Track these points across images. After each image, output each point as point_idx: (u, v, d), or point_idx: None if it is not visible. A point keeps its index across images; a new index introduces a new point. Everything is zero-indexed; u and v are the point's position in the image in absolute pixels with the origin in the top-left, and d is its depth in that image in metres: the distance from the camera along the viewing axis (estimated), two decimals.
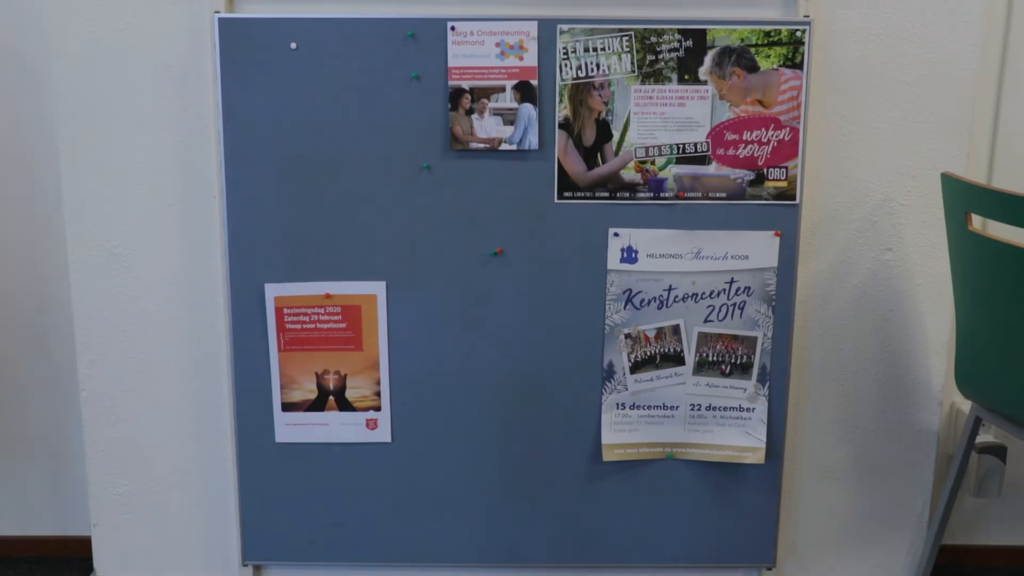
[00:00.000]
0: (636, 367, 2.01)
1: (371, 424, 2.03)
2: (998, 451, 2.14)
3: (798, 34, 1.89)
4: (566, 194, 1.94)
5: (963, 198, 1.75)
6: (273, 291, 1.98)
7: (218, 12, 1.90)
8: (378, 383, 2.01)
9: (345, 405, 2.02)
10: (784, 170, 1.94)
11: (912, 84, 1.96)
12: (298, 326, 1.99)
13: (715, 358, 2.01)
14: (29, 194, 2.12)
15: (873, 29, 1.94)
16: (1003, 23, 1.99)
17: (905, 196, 2.00)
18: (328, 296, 1.98)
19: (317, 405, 2.02)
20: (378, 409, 2.02)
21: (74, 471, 2.24)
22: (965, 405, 2.10)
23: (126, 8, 1.93)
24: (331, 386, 2.02)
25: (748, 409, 2.01)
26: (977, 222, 1.77)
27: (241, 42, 1.90)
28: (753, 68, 1.90)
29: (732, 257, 1.97)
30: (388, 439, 2.04)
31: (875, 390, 2.09)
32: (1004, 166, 2.06)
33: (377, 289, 1.98)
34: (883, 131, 1.98)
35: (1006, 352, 1.72)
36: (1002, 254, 1.66)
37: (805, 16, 1.91)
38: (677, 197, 1.94)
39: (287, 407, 2.02)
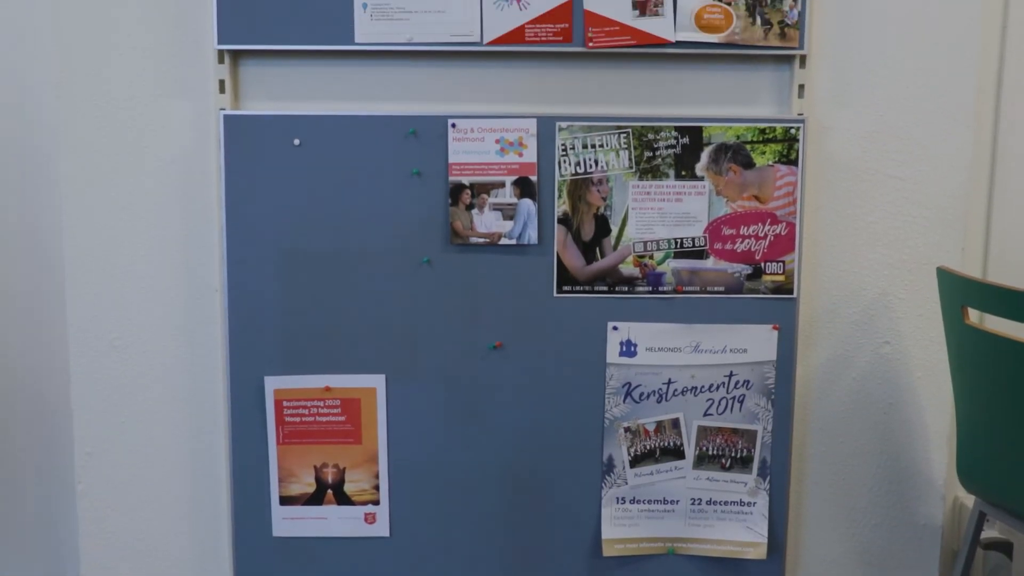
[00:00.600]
0: (636, 461, 2.00)
1: (369, 518, 2.01)
2: (1004, 547, 2.12)
3: (792, 131, 1.93)
4: (565, 288, 1.96)
5: (959, 292, 1.76)
6: (273, 384, 1.98)
7: (223, 109, 1.94)
8: (377, 476, 2.00)
9: (343, 499, 2.01)
10: (781, 264, 1.95)
11: (906, 180, 1.98)
12: (297, 419, 1.98)
13: (715, 452, 2.00)
14: (32, 284, 2.14)
15: (866, 127, 1.97)
16: (992, 122, 2.03)
17: (902, 290, 2.02)
18: (328, 389, 1.98)
19: (315, 499, 2.01)
20: (377, 503, 2.00)
21: (69, 564, 2.21)
22: (969, 499, 2.09)
23: (133, 105, 1.97)
24: (330, 479, 2.01)
25: (749, 503, 2.00)
26: (974, 316, 1.78)
27: (246, 138, 1.93)
28: (749, 164, 1.93)
29: (731, 351, 1.97)
30: (387, 533, 2.02)
31: (877, 484, 2.08)
32: (999, 260, 2.07)
33: (377, 382, 1.98)
34: (878, 225, 2.00)
35: (1008, 446, 1.72)
36: (1000, 348, 1.67)
37: (799, 114, 1.94)
38: (675, 291, 1.96)
39: (285, 501, 2.00)
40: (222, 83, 1.95)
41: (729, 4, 1.90)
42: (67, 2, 1.94)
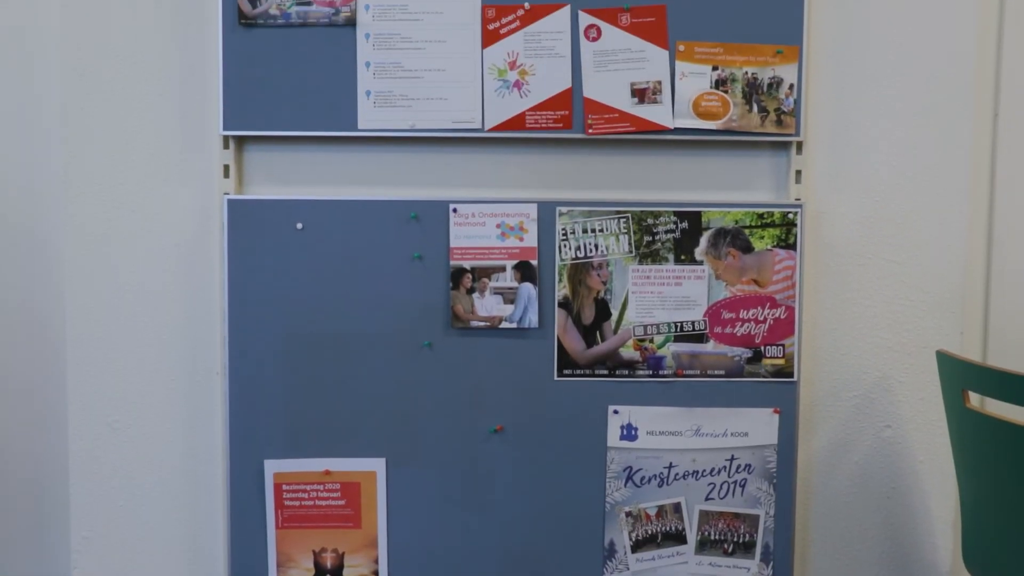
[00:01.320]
0: (637, 546, 1.98)
1: None
2: None
3: (790, 216, 1.95)
4: (566, 372, 1.96)
5: (959, 376, 1.76)
6: (272, 467, 1.97)
7: (228, 194, 1.96)
8: (376, 561, 1.98)
9: None
10: (781, 348, 1.96)
11: (903, 264, 2.00)
12: (296, 503, 1.97)
13: (717, 536, 1.98)
14: (33, 365, 2.14)
15: (862, 212, 1.99)
16: (987, 206, 2.05)
17: (902, 373, 2.02)
18: (327, 473, 1.97)
19: None
20: None
21: None
22: None
23: (138, 190, 1.99)
24: (328, 564, 1.99)
25: None
26: (975, 400, 1.78)
27: (249, 223, 1.95)
28: (748, 249, 1.95)
29: (732, 434, 1.97)
30: None
31: (882, 570, 2.06)
32: (998, 343, 2.08)
33: (377, 466, 1.97)
34: (877, 309, 2.01)
35: (1013, 531, 1.70)
36: (1002, 432, 1.66)
37: (797, 199, 1.96)
38: (676, 375, 1.96)
39: None
40: (226, 168, 1.98)
41: (726, 92, 1.93)
42: (75, 88, 1.98)
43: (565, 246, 1.95)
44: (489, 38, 1.93)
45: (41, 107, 2.05)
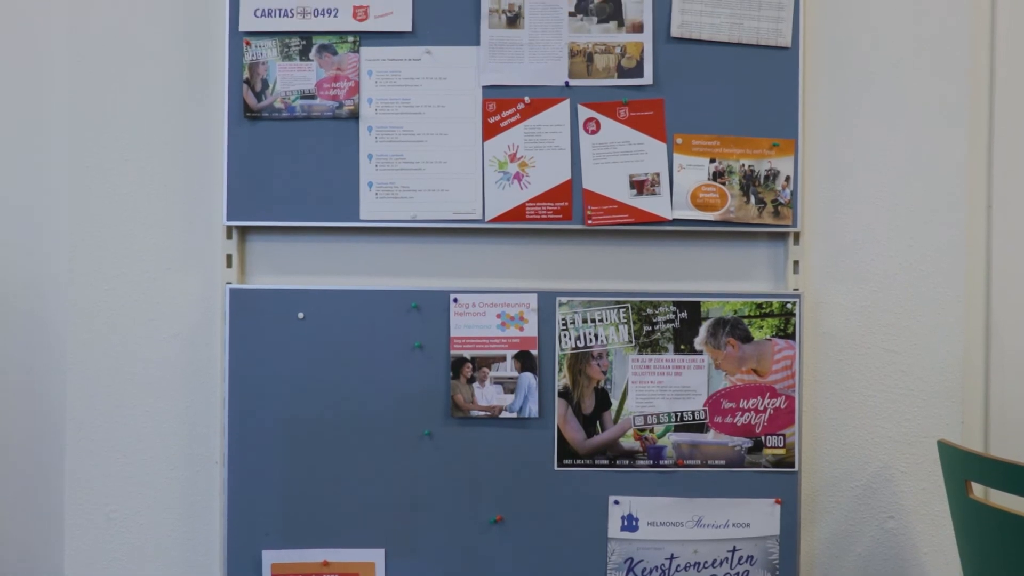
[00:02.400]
0: None
1: None
2: None
3: (789, 306, 1.96)
4: (566, 462, 1.95)
5: (961, 466, 1.75)
6: (270, 558, 1.95)
7: (230, 283, 1.98)
8: None
9: None
10: (782, 437, 1.95)
11: (902, 354, 2.01)
12: None
13: None
14: (31, 452, 2.13)
15: (860, 302, 2.01)
16: (984, 299, 2.06)
17: (904, 463, 2.01)
18: (326, 564, 1.96)
19: None
20: None
21: None
22: None
23: (142, 279, 2.01)
24: None
25: None
26: (978, 490, 1.77)
27: (250, 312, 1.96)
28: (747, 338, 1.95)
29: (733, 525, 1.95)
30: None
31: None
32: (1000, 432, 2.08)
33: (376, 557, 1.96)
34: (877, 398, 2.01)
35: None
36: (1007, 524, 1.65)
37: (795, 289, 1.98)
38: (676, 465, 1.95)
39: None
40: (229, 258, 1.99)
41: (724, 184, 1.96)
42: (81, 177, 2.01)
43: (565, 336, 1.95)
44: (490, 131, 1.96)
45: (48, 195, 2.07)
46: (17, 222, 2.08)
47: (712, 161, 1.96)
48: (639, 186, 1.96)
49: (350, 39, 1.96)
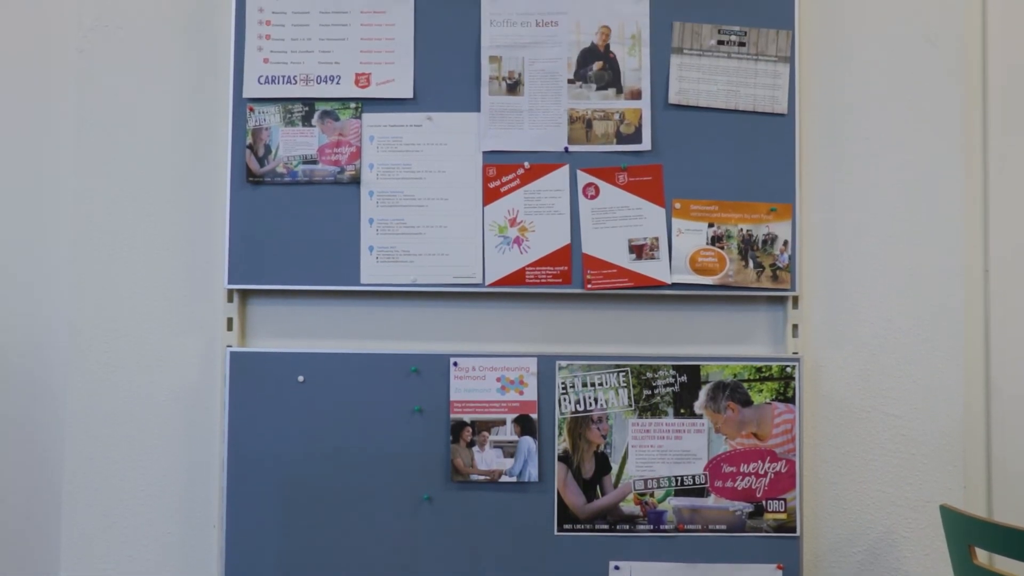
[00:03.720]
0: None
1: None
2: None
3: (788, 370, 1.96)
4: (566, 526, 1.94)
5: (965, 532, 1.74)
6: None
7: (231, 346, 1.98)
8: None
9: None
10: (783, 502, 1.95)
11: (901, 417, 2.00)
12: None
13: None
14: (27, 514, 2.11)
15: (859, 365, 2.01)
16: (983, 363, 2.06)
17: (906, 528, 2.00)
18: None
19: None
20: None
21: None
22: None
23: (143, 340, 2.02)
24: None
25: None
26: (983, 556, 1.75)
27: (251, 375, 1.96)
28: (747, 402, 1.95)
29: None
30: None
31: None
32: (1003, 497, 2.07)
33: None
34: (878, 462, 2.00)
35: None
36: None
37: (794, 353, 1.98)
38: (677, 529, 1.94)
39: None
40: (230, 321, 2.00)
41: (722, 248, 1.97)
42: (85, 240, 2.02)
43: (565, 400, 1.95)
44: (490, 196, 1.98)
45: (51, 256, 2.08)
46: (19, 282, 2.09)
47: (711, 226, 1.97)
48: (638, 250, 1.97)
49: (352, 105, 1.98)
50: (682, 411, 1.96)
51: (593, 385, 1.96)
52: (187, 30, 2.04)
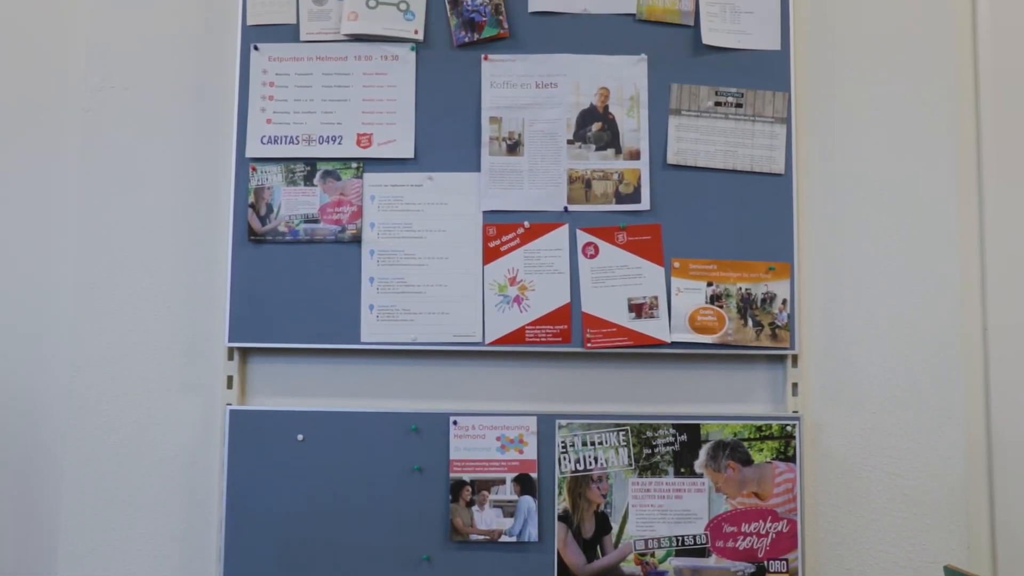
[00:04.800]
0: None
1: None
2: None
3: (788, 429, 1.96)
4: None
5: None
6: None
7: (230, 404, 1.98)
8: None
9: None
10: (785, 562, 1.93)
11: (903, 476, 2.00)
12: None
13: None
14: None
15: (860, 424, 2.01)
16: (984, 421, 2.05)
17: None
18: None
19: None
20: None
21: None
22: None
23: (142, 398, 2.02)
24: None
25: None
26: None
27: (250, 433, 1.96)
28: (747, 461, 1.95)
29: None
30: None
31: None
32: (1007, 556, 2.05)
33: None
34: (880, 522, 1.99)
35: None
36: None
37: (794, 412, 1.98)
38: None
39: None
40: (230, 379, 2.00)
41: (721, 307, 1.98)
42: (86, 300, 2.03)
43: (565, 459, 1.95)
44: (490, 255, 1.99)
45: (51, 313, 2.09)
46: (19, 341, 2.09)
47: (709, 285, 1.98)
48: (638, 309, 1.97)
49: (354, 165, 2.00)
50: (682, 470, 1.95)
51: (593, 444, 1.96)
52: (192, 91, 2.06)
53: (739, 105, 2.00)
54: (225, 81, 2.05)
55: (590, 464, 1.95)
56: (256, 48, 2.02)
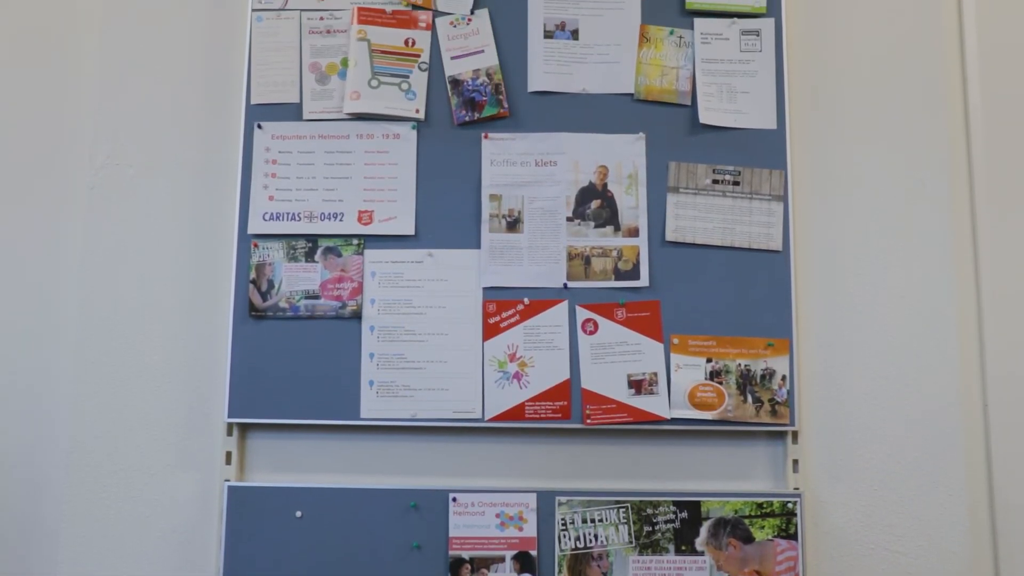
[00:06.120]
0: None
1: None
2: None
3: (790, 506, 1.95)
4: None
5: None
6: None
7: (228, 480, 1.97)
8: None
9: None
10: None
11: (907, 555, 1.98)
12: None
13: None
14: None
15: (862, 501, 2.00)
16: (987, 497, 2.04)
17: None
18: None
19: None
20: None
21: None
22: None
23: (140, 473, 2.01)
24: None
25: None
26: None
27: (248, 510, 1.95)
28: (749, 539, 1.94)
29: None
30: None
31: None
32: None
33: None
34: None
35: None
36: None
37: (795, 489, 1.97)
38: None
39: None
40: (229, 455, 2.00)
41: (721, 383, 1.98)
42: (85, 373, 2.04)
43: (565, 536, 1.94)
44: (490, 331, 2.00)
45: (51, 388, 2.08)
46: (19, 414, 2.09)
47: (709, 361, 1.99)
48: (637, 386, 1.98)
49: (355, 242, 2.02)
50: (683, 548, 1.94)
51: (593, 521, 1.94)
52: (195, 168, 2.09)
53: (736, 183, 2.03)
54: (228, 158, 2.08)
55: (590, 542, 1.94)
56: (260, 126, 2.05)
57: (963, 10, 2.15)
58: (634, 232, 2.02)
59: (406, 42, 2.06)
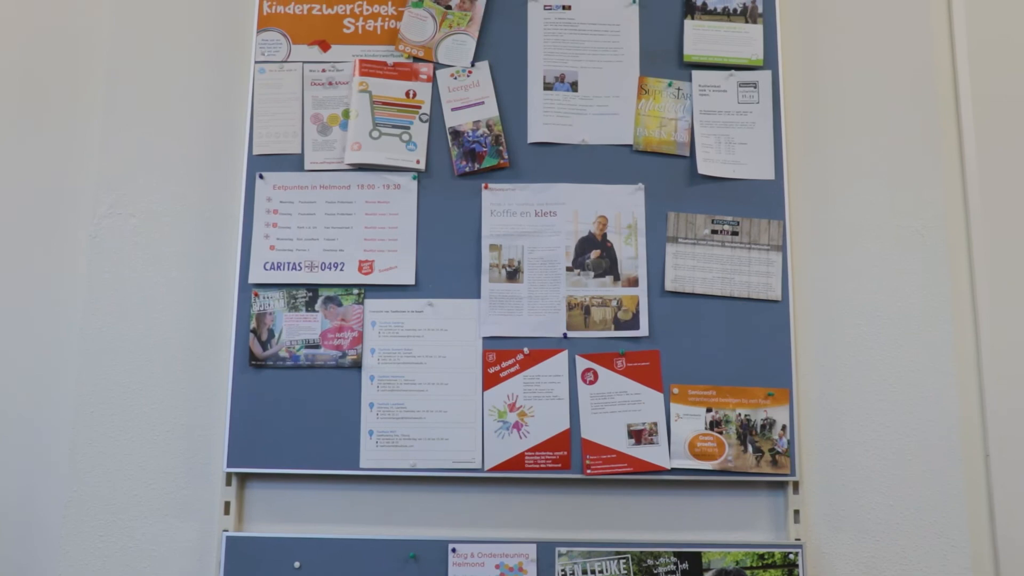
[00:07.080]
0: None
1: None
2: None
3: (791, 557, 1.94)
4: None
5: None
6: None
7: (227, 530, 1.96)
8: None
9: None
10: None
11: None
12: None
13: None
14: None
15: (864, 551, 1.99)
16: (990, 545, 2.04)
17: None
18: None
19: None
20: None
21: None
22: None
23: (137, 523, 2.00)
24: None
25: None
26: None
27: (247, 560, 1.94)
28: None
29: None
30: None
31: None
32: None
33: None
34: None
35: None
36: None
37: (796, 539, 1.96)
38: None
39: None
40: (227, 505, 1.99)
41: (721, 433, 1.98)
42: (83, 423, 2.04)
43: None
44: (490, 381, 2.00)
45: (48, 438, 2.08)
46: (17, 462, 2.08)
47: (709, 410, 1.99)
48: (637, 436, 1.98)
49: (355, 291, 2.03)
50: None
51: (593, 572, 1.93)
52: (197, 218, 2.10)
53: (735, 233, 2.04)
54: (230, 208, 2.09)
55: None
56: (261, 176, 2.07)
57: (956, 59, 2.18)
58: (633, 282, 2.03)
59: (407, 94, 2.08)
